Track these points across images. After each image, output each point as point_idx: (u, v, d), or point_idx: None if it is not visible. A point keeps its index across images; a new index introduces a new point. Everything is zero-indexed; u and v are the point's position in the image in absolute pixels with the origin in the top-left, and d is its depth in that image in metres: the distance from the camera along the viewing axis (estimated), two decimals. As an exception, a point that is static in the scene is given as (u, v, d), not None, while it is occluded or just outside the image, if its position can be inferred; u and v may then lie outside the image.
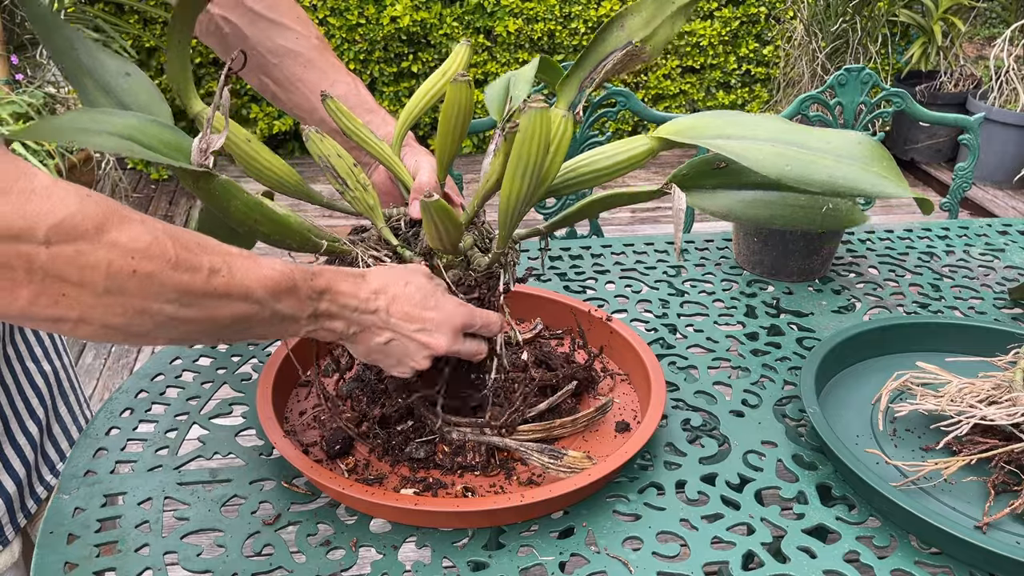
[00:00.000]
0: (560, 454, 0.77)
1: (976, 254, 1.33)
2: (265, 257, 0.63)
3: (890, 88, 1.66)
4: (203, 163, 0.63)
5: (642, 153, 0.75)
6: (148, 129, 0.63)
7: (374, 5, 3.58)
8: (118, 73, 0.72)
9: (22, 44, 2.82)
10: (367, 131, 0.81)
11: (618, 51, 0.72)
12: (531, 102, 0.65)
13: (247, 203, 0.68)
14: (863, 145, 0.66)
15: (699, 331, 1.09)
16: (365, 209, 0.78)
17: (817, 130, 0.68)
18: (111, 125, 0.62)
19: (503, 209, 0.72)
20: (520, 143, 0.67)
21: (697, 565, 0.72)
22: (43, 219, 0.48)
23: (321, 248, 0.76)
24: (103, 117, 0.62)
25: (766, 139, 0.67)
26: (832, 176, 0.64)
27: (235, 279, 0.59)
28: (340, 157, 0.77)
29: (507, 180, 0.69)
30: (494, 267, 0.79)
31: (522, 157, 0.67)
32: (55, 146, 2.54)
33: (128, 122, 0.63)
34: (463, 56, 0.81)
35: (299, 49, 0.86)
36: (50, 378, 0.95)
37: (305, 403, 0.91)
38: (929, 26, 3.64)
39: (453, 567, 0.72)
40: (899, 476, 0.81)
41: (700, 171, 0.76)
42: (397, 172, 0.83)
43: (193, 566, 0.71)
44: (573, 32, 3.75)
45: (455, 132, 0.77)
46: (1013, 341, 0.97)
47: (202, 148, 0.64)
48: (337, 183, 0.77)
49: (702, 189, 0.76)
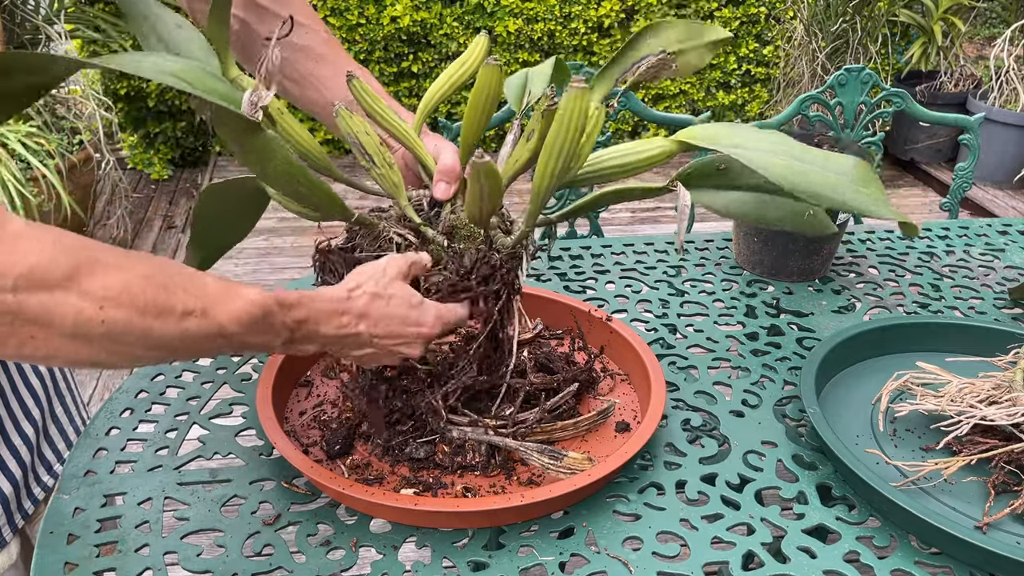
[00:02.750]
0: (560, 455, 0.77)
1: (976, 254, 1.33)
2: (242, 286, 0.63)
3: (890, 88, 1.66)
4: (253, 115, 0.65)
5: (660, 154, 0.79)
6: (204, 78, 0.65)
7: (374, 5, 3.58)
8: (171, 25, 0.77)
9: (22, 44, 2.82)
10: (391, 112, 0.82)
11: (652, 55, 0.78)
12: (572, 83, 0.68)
13: (288, 161, 0.69)
14: (857, 168, 0.73)
15: (699, 331, 1.09)
16: (390, 187, 0.80)
17: (816, 150, 0.75)
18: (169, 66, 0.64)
19: (537, 185, 0.75)
20: (560, 120, 0.70)
21: (697, 565, 0.72)
22: (10, 267, 0.49)
23: (353, 217, 0.78)
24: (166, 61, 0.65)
25: (773, 152, 0.73)
26: (835, 190, 0.71)
27: (207, 319, 0.59)
28: (368, 135, 0.78)
29: (543, 156, 0.72)
30: (517, 247, 0.81)
31: (559, 135, 0.70)
32: (55, 146, 2.54)
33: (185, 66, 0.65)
34: (482, 47, 0.83)
35: (310, 44, 0.86)
36: (46, 379, 0.95)
37: (305, 403, 0.91)
38: (929, 26, 3.64)
39: (453, 567, 0.72)
40: (899, 476, 0.81)
41: (704, 171, 0.80)
42: (419, 154, 0.83)
43: (193, 566, 0.71)
44: (573, 32, 3.75)
45: (483, 115, 0.79)
46: (1013, 341, 0.97)
47: (253, 101, 0.65)
48: (364, 160, 0.78)
49: (704, 188, 0.81)
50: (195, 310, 0.58)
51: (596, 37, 3.77)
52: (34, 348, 0.52)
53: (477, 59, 0.83)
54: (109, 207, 3.13)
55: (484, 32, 0.84)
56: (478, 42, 0.83)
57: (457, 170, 0.81)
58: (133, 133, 3.51)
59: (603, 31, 3.78)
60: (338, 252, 0.81)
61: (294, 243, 3.10)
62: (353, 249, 0.81)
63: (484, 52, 0.82)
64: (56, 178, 2.47)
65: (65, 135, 2.73)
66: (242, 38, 0.86)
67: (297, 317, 0.66)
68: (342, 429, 0.84)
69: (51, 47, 2.89)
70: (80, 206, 2.68)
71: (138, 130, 3.50)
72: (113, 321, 0.53)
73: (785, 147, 0.74)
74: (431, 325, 0.75)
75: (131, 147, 3.54)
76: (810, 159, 0.73)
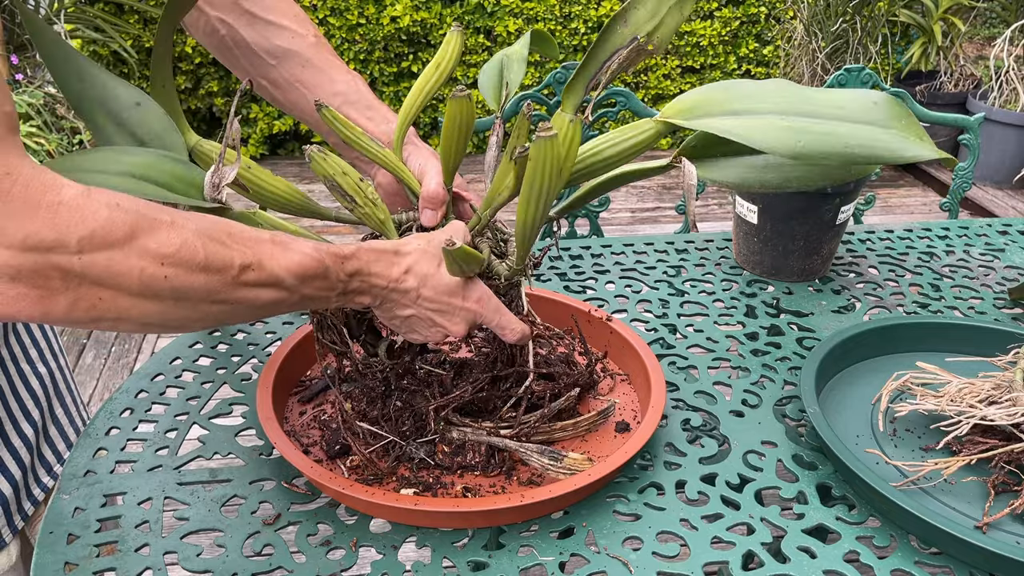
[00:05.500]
0: (560, 456, 0.77)
1: (976, 254, 1.33)
2: (296, 240, 0.64)
3: (890, 88, 1.66)
4: (215, 197, 0.65)
5: (648, 137, 0.74)
6: (162, 166, 0.64)
7: (374, 5, 3.58)
8: (129, 103, 0.72)
9: (22, 44, 2.82)
10: (367, 139, 0.80)
11: (623, 48, 0.71)
12: (540, 131, 0.65)
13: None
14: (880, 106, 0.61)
15: (699, 331, 1.09)
16: (376, 225, 0.78)
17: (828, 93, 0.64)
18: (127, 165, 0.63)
19: (520, 233, 0.73)
20: (532, 171, 0.67)
21: (697, 565, 0.72)
22: (73, 231, 0.50)
23: None
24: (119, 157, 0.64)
25: (774, 111, 0.64)
26: (848, 146, 0.59)
27: (265, 271, 0.61)
28: (346, 175, 0.75)
29: (522, 205, 0.70)
30: (515, 277, 0.80)
31: (535, 184, 0.68)
32: (55, 146, 2.54)
33: (143, 160, 0.64)
34: (455, 45, 0.80)
35: (296, 49, 0.86)
36: (46, 380, 0.95)
37: (305, 403, 0.91)
38: (929, 26, 3.64)
39: (453, 567, 0.72)
40: (899, 476, 0.81)
41: (708, 141, 0.74)
42: (403, 177, 0.83)
43: (193, 566, 0.71)
44: (573, 32, 3.75)
45: (458, 143, 0.78)
46: (1013, 341, 0.97)
47: (214, 183, 0.65)
48: (345, 201, 0.76)
49: (712, 159, 0.74)
50: (252, 263, 0.60)
51: (596, 37, 3.77)
52: (104, 310, 0.53)
53: (451, 60, 0.81)
54: (109, 207, 3.12)
55: (456, 27, 0.80)
56: (449, 40, 0.80)
57: (441, 195, 0.81)
58: (133, 133, 3.50)
59: (603, 31, 3.78)
60: None
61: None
62: None
63: (457, 51, 0.80)
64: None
65: (65, 135, 2.73)
66: (227, 42, 0.86)
67: (351, 269, 0.68)
68: (342, 429, 0.84)
69: (51, 47, 2.88)
70: (80, 206, 2.67)
71: (138, 130, 3.50)
72: (176, 276, 0.55)
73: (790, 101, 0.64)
74: (476, 300, 0.75)
75: (131, 147, 3.53)
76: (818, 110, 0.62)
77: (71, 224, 0.50)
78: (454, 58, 0.82)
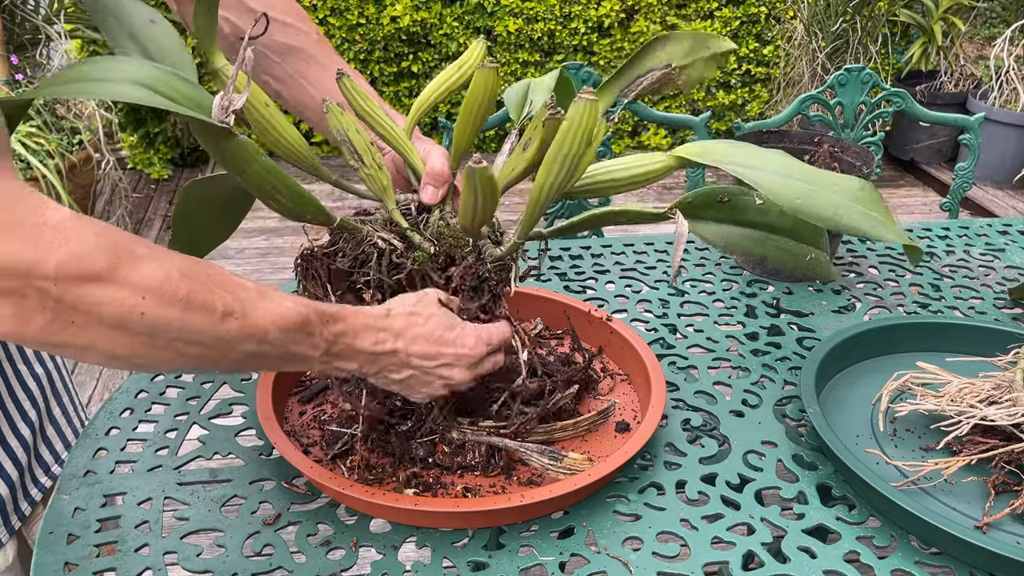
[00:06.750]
0: (560, 456, 0.77)
1: (976, 254, 1.33)
2: (279, 293, 0.63)
3: (890, 88, 1.66)
4: (224, 120, 0.62)
5: (659, 170, 0.77)
6: (170, 81, 0.62)
7: (374, 5, 3.58)
8: (143, 20, 0.72)
9: (22, 44, 2.82)
10: (382, 114, 0.80)
11: (657, 70, 0.77)
12: (582, 93, 0.66)
13: (266, 167, 0.67)
14: (865, 191, 0.71)
15: (699, 331, 1.09)
16: (378, 188, 0.78)
17: (821, 171, 0.72)
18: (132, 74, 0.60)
19: (535, 196, 0.72)
20: (565, 131, 0.67)
21: (697, 565, 0.72)
22: (52, 255, 0.49)
23: (334, 222, 0.76)
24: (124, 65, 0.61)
25: (777, 172, 0.71)
26: (838, 213, 0.68)
27: (248, 321, 0.59)
28: (359, 133, 0.76)
29: (545, 166, 0.70)
30: (507, 259, 0.79)
31: (564, 145, 0.68)
32: (55, 146, 2.54)
33: (150, 72, 0.61)
34: (479, 52, 0.82)
35: (300, 45, 0.86)
36: (43, 380, 0.95)
37: (305, 403, 0.91)
38: (929, 26, 3.64)
39: (453, 567, 0.72)
40: (899, 476, 0.81)
41: (705, 202, 0.78)
42: (408, 157, 0.82)
43: (193, 566, 0.71)
44: (573, 32, 3.75)
45: (476, 118, 0.78)
46: (1013, 341, 0.97)
47: (223, 106, 0.63)
48: (353, 159, 0.76)
49: (704, 220, 0.79)
50: (235, 311, 0.58)
51: (596, 37, 3.77)
52: (74, 335, 0.52)
53: (474, 64, 0.81)
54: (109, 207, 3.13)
55: (483, 37, 0.83)
56: (474, 48, 0.81)
57: (446, 174, 0.80)
58: (133, 133, 3.51)
59: (603, 31, 3.78)
60: (320, 258, 0.79)
61: (294, 243, 3.11)
62: (335, 254, 0.79)
63: (481, 57, 0.81)
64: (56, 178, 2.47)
65: (65, 135, 2.73)
66: (231, 40, 0.86)
67: (335, 330, 0.66)
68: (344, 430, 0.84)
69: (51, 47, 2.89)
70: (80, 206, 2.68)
71: (138, 130, 3.50)
72: (153, 313, 0.53)
73: (789, 168, 0.71)
74: (472, 346, 0.74)
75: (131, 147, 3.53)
76: (815, 180, 0.70)
77: (53, 246, 0.49)
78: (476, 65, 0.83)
